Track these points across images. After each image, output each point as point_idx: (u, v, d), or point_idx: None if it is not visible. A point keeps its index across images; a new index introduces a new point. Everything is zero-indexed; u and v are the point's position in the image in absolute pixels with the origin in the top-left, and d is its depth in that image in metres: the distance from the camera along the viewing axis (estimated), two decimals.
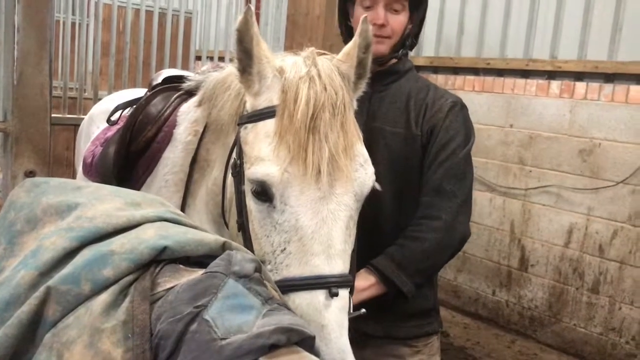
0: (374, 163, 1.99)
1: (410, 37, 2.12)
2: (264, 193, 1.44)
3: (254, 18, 1.52)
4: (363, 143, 1.56)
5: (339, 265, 1.40)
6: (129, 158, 2.10)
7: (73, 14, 6.66)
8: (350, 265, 1.50)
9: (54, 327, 0.94)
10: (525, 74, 5.28)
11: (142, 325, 0.90)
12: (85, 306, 0.95)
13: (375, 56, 1.99)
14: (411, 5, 2.05)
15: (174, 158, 1.98)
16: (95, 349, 0.90)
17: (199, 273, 0.96)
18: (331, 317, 1.33)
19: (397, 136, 2.04)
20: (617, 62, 4.72)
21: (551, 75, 5.12)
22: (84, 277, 0.97)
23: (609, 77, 4.77)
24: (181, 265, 1.02)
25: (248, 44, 1.52)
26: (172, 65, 5.59)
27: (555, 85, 5.08)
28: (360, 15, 2.03)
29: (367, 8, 2.03)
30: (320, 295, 1.35)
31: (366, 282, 1.86)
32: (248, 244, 1.51)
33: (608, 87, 4.77)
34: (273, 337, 0.82)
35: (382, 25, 2.01)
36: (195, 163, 1.92)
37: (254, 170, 1.44)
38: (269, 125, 1.48)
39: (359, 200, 1.50)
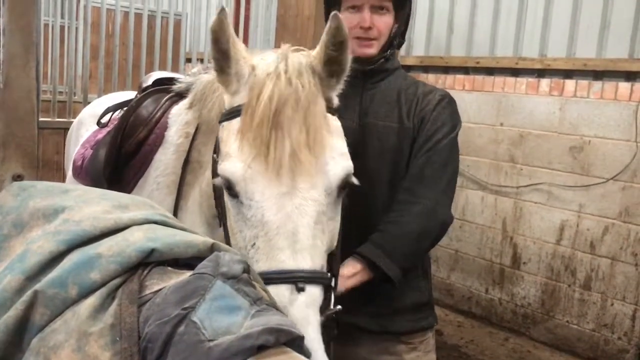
0: (368, 157, 1.99)
1: (397, 36, 2.14)
2: (231, 189, 1.46)
3: (228, 19, 1.52)
4: (342, 137, 1.56)
5: (307, 260, 1.39)
6: (120, 160, 2.09)
7: (62, 17, 6.63)
8: (332, 261, 1.51)
9: (41, 331, 0.93)
10: (515, 72, 5.31)
11: (129, 328, 0.89)
12: (73, 310, 0.94)
13: (364, 57, 2.06)
14: (396, 5, 2.06)
15: (165, 160, 1.98)
16: (82, 353, 0.89)
17: (187, 275, 0.95)
18: (296, 313, 1.32)
19: (390, 130, 2.06)
20: (605, 59, 4.74)
21: (541, 73, 5.14)
22: (71, 281, 0.96)
23: (598, 75, 4.80)
24: (169, 268, 1.01)
25: (224, 44, 1.53)
26: (162, 67, 5.58)
27: (544, 83, 5.11)
28: (349, 21, 2.03)
29: (353, 8, 2.05)
30: (285, 290, 1.34)
31: (353, 269, 1.87)
32: (228, 240, 1.54)
33: (597, 85, 4.79)
34: (261, 337, 0.82)
35: (369, 28, 2.03)
36: (187, 165, 1.92)
37: (222, 167, 1.47)
38: (237, 122, 1.50)
39: (331, 194, 1.48)
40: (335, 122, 1.58)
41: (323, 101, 1.54)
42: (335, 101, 1.65)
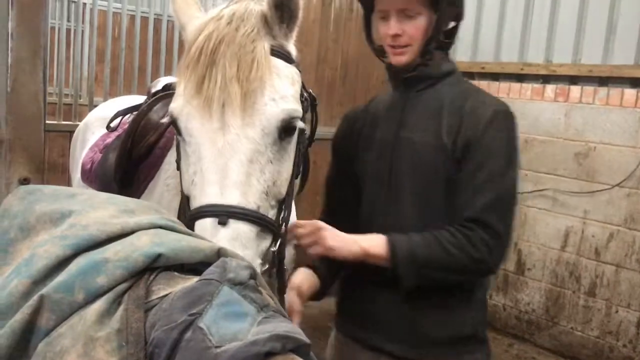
0: (401, 173, 1.92)
1: (434, 38, 1.91)
2: (175, 126, 1.51)
3: None
4: (292, 84, 1.57)
5: (235, 196, 1.40)
6: (131, 164, 2.11)
7: (68, 20, 6.65)
8: (282, 210, 1.54)
9: (48, 336, 0.93)
10: (520, 78, 5.30)
11: (136, 334, 0.89)
12: (79, 315, 0.94)
13: (398, 67, 1.96)
14: (430, 3, 1.88)
15: (174, 162, 1.99)
16: (89, 358, 0.89)
17: (193, 280, 0.95)
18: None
19: (425, 146, 1.90)
20: (611, 65, 4.74)
21: (546, 79, 5.14)
22: (78, 285, 0.96)
23: (604, 81, 4.79)
24: (176, 273, 1.01)
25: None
26: (168, 71, 5.58)
27: (550, 89, 5.10)
28: (380, 29, 1.95)
29: (383, 19, 1.93)
30: (208, 224, 1.37)
31: (378, 249, 1.79)
32: (181, 182, 1.58)
33: (603, 91, 4.78)
34: (268, 344, 0.81)
35: (397, 35, 1.88)
36: None
37: (169, 106, 1.53)
38: None
39: (270, 135, 1.48)
40: (288, 69, 1.58)
41: (266, 43, 1.53)
42: (292, 51, 1.65)
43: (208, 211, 1.39)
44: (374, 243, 1.80)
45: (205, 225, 1.38)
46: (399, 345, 1.94)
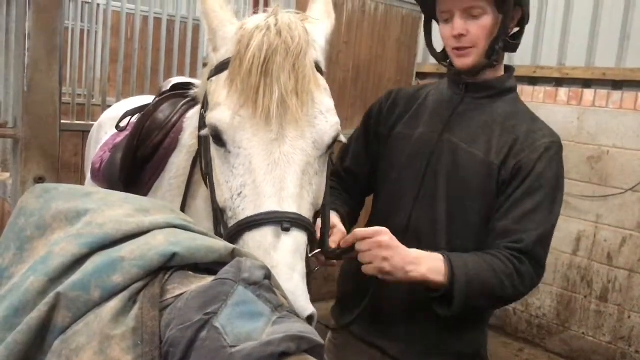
0: (436, 175, 1.92)
1: (501, 39, 1.88)
2: (218, 138, 1.46)
3: None
4: (329, 97, 1.56)
5: (293, 208, 1.37)
6: (136, 164, 2.11)
7: (82, 21, 6.70)
8: (324, 221, 1.54)
9: (63, 333, 0.94)
10: (533, 81, 5.28)
11: (151, 332, 0.90)
12: (95, 313, 0.94)
13: (461, 69, 1.93)
14: (495, 2, 1.84)
15: (178, 162, 1.99)
16: (104, 356, 0.89)
17: (208, 280, 0.95)
18: (280, 259, 1.30)
19: (471, 157, 1.88)
20: (625, 69, 4.71)
21: (559, 82, 5.11)
22: (94, 284, 0.97)
23: (617, 84, 4.76)
24: (190, 272, 1.01)
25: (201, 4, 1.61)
26: (180, 72, 5.61)
27: (563, 92, 5.07)
28: (443, 32, 1.92)
29: (446, 21, 1.91)
30: (269, 236, 1.32)
31: (437, 277, 1.72)
32: (213, 195, 1.53)
33: (616, 94, 4.75)
34: (283, 345, 0.82)
35: (460, 35, 1.85)
36: (196, 164, 1.93)
37: (210, 116, 1.48)
38: (225, 75, 1.52)
39: (319, 149, 1.48)
40: (323, 81, 1.58)
41: (313, 55, 1.53)
42: (323, 65, 1.65)
43: (267, 219, 1.34)
44: (435, 269, 1.73)
45: (266, 239, 1.32)
46: (395, 345, 1.95)
